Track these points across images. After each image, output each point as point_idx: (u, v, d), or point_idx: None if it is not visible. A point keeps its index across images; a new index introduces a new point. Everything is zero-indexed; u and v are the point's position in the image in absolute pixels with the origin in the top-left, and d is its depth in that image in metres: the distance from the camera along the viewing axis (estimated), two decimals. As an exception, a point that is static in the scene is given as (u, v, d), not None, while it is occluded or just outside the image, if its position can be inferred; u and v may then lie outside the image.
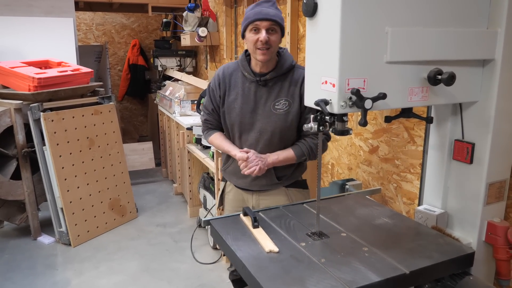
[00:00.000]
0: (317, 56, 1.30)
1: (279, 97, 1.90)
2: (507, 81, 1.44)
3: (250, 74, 1.91)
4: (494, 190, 1.54)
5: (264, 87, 1.91)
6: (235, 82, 1.96)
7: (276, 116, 1.91)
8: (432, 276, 1.33)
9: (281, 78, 1.90)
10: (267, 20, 1.76)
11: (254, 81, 1.91)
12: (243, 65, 1.94)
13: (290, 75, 1.91)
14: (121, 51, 6.67)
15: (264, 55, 1.80)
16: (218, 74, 2.00)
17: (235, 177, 2.08)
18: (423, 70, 1.32)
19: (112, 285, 2.91)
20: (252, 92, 1.92)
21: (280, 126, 1.91)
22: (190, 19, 4.53)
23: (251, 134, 1.96)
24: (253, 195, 2.09)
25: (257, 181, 2.02)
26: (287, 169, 2.02)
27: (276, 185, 2.04)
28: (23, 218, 3.57)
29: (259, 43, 1.78)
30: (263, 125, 1.92)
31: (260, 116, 1.92)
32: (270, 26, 1.78)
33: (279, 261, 1.33)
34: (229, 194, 2.19)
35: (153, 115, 5.92)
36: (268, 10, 1.78)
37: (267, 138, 1.94)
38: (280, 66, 1.89)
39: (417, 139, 2.12)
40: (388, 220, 1.64)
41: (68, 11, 4.43)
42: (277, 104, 1.90)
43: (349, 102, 1.22)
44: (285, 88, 1.90)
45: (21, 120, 3.39)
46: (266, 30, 1.77)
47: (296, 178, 2.09)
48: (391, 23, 1.24)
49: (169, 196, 4.61)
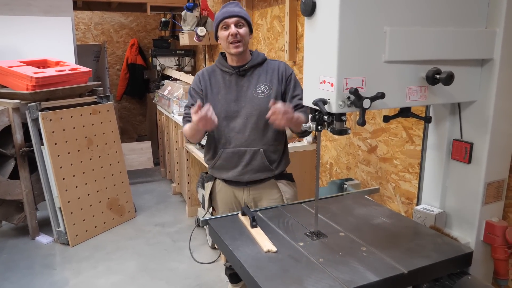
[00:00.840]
0: (315, 55, 1.30)
1: (259, 83, 2.05)
2: (506, 81, 1.44)
3: (229, 68, 2.06)
4: (492, 189, 1.54)
5: (243, 76, 2.06)
6: (215, 80, 2.09)
7: (259, 99, 2.03)
8: (430, 275, 1.33)
9: (257, 67, 2.07)
10: (234, 16, 1.97)
11: (233, 73, 2.06)
12: (221, 62, 2.10)
13: (265, 65, 2.09)
14: (119, 50, 6.66)
15: (237, 47, 1.98)
16: (198, 74, 2.15)
17: (225, 171, 2.12)
18: (422, 70, 1.32)
19: (111, 284, 2.90)
20: (233, 83, 2.06)
21: (264, 108, 1.96)
22: (188, 19, 4.52)
23: (237, 121, 2.05)
24: (245, 189, 2.13)
25: (249, 168, 2.07)
26: (275, 153, 2.11)
27: (267, 172, 2.09)
28: (21, 217, 3.56)
29: (230, 37, 1.97)
30: (249, 110, 2.04)
31: (244, 102, 2.04)
32: (238, 21, 1.98)
33: (277, 261, 1.33)
34: (219, 193, 2.19)
35: (152, 114, 5.92)
36: (234, 9, 1.99)
37: (253, 122, 2.03)
38: (254, 58, 2.08)
39: (415, 138, 2.12)
40: (387, 220, 1.64)
41: (67, 10, 4.42)
42: (258, 89, 2.05)
43: (348, 102, 1.22)
44: (262, 75, 2.06)
45: (19, 119, 3.38)
46: (234, 25, 1.97)
47: (283, 169, 2.18)
48: (390, 23, 1.24)
49: (167, 196, 4.61)
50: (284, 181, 2.16)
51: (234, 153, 2.06)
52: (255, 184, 2.11)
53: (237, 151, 2.06)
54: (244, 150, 2.06)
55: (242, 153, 2.06)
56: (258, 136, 2.06)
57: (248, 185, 2.11)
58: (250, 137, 2.05)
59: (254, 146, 2.06)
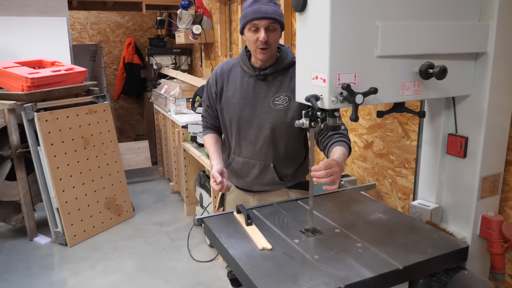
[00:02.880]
0: (307, 51, 1.29)
1: (279, 92, 1.84)
2: (500, 74, 1.44)
3: (250, 69, 1.86)
4: (488, 184, 1.53)
5: (263, 81, 1.85)
6: (233, 77, 1.90)
7: (276, 112, 1.83)
8: (426, 271, 1.32)
9: (281, 73, 1.84)
10: (266, 18, 1.71)
11: (253, 75, 1.85)
12: (243, 60, 1.89)
13: (290, 71, 1.84)
14: (116, 50, 6.64)
15: (264, 54, 1.76)
16: (216, 70, 1.96)
17: (235, 177, 2.01)
18: (415, 64, 1.31)
19: (109, 284, 2.90)
20: (251, 87, 1.86)
21: (280, 122, 1.84)
22: (184, 17, 4.51)
23: (250, 131, 1.89)
24: (254, 196, 2.02)
25: (258, 181, 1.95)
26: (288, 168, 1.95)
27: (278, 185, 1.97)
28: (19, 219, 3.56)
29: (258, 42, 1.73)
30: (262, 121, 1.85)
31: (259, 111, 1.85)
32: (269, 24, 1.72)
33: (272, 258, 1.32)
34: (230, 195, 2.10)
35: (149, 113, 5.91)
36: (267, 8, 1.71)
37: (266, 135, 1.86)
38: (280, 61, 1.84)
39: (411, 133, 2.11)
40: (382, 216, 1.63)
41: (62, 10, 4.41)
42: (276, 99, 1.84)
43: (340, 98, 1.21)
44: (285, 83, 1.84)
45: (15, 120, 3.37)
46: (265, 29, 1.72)
47: (299, 179, 2.01)
48: (382, 17, 1.23)
49: (165, 195, 4.60)
50: (297, 190, 2.01)
51: (244, 163, 1.94)
52: (266, 192, 2.00)
53: (247, 162, 1.93)
54: (254, 163, 1.91)
55: (252, 165, 1.92)
56: (270, 150, 1.89)
57: (258, 192, 2.01)
58: (261, 150, 1.89)
59: (264, 160, 1.90)
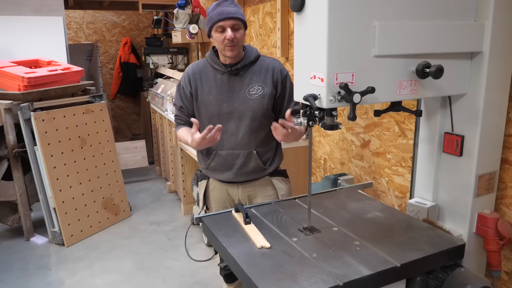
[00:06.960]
0: (305, 51, 1.30)
1: (252, 83, 1.98)
2: (495, 73, 1.45)
3: (221, 66, 1.97)
4: (484, 182, 1.55)
5: (236, 76, 1.98)
6: (206, 77, 2.01)
7: (252, 101, 1.96)
8: (423, 268, 1.34)
9: (251, 66, 1.99)
10: (230, 19, 1.85)
11: (225, 72, 1.97)
12: (212, 59, 2.00)
13: (258, 64, 2.00)
14: (112, 49, 6.63)
15: (233, 50, 1.89)
16: (188, 71, 2.05)
17: (219, 172, 2.08)
18: (411, 64, 1.32)
19: (106, 284, 2.89)
20: (225, 82, 1.98)
21: (258, 110, 1.95)
22: (180, 16, 4.50)
23: (230, 123, 1.99)
24: (239, 187, 2.10)
25: (243, 170, 2.04)
26: (268, 153, 2.08)
27: (262, 171, 2.07)
28: (16, 219, 3.55)
29: (226, 41, 1.86)
30: (241, 112, 1.97)
31: (237, 103, 1.97)
32: (234, 24, 1.86)
33: (270, 257, 1.33)
34: (213, 192, 2.17)
35: (146, 113, 5.90)
36: (230, 9, 1.86)
37: (246, 124, 1.98)
38: (247, 56, 1.98)
39: (408, 132, 2.12)
40: (380, 214, 1.64)
41: (58, 9, 4.39)
42: (251, 89, 1.97)
43: (338, 97, 1.22)
44: (256, 75, 1.98)
45: (12, 120, 3.36)
46: (230, 28, 1.86)
47: (277, 166, 2.14)
48: (379, 17, 1.24)
49: (162, 194, 4.60)
50: (279, 177, 2.14)
51: (228, 155, 2.02)
52: (250, 182, 2.09)
53: (230, 154, 2.02)
54: (237, 153, 2.02)
55: (235, 155, 2.02)
56: (251, 138, 2.01)
57: (243, 183, 2.10)
58: (243, 139, 2.00)
59: (247, 148, 2.01)
